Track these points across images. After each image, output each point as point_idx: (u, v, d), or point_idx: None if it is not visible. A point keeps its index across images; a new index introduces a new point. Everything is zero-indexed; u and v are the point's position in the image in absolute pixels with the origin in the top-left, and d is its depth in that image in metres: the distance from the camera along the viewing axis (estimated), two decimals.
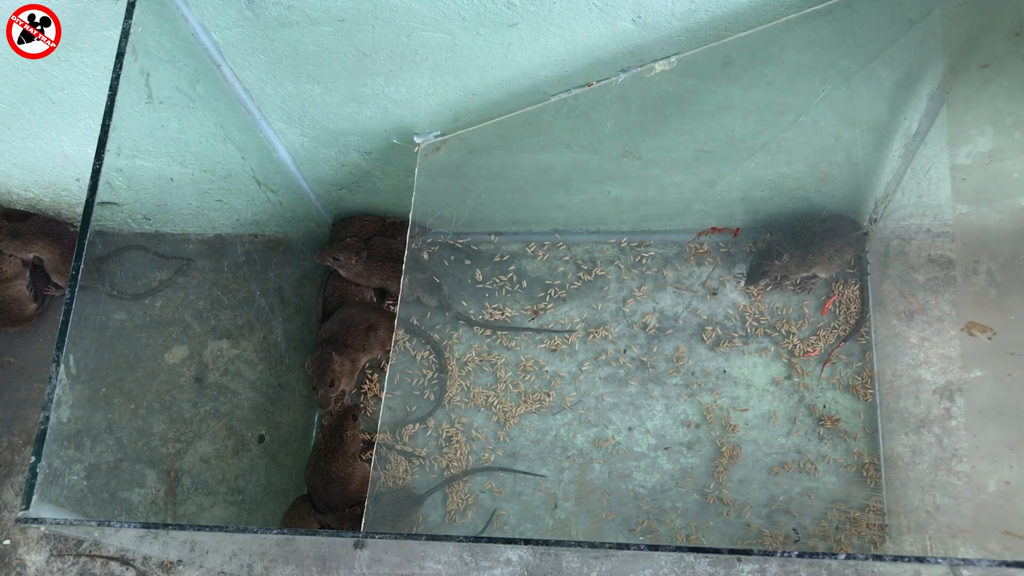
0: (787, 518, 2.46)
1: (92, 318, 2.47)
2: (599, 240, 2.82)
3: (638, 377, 2.65)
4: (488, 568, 2.35)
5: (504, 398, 2.67)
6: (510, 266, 2.84)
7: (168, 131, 2.22)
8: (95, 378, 2.57)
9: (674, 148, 2.34)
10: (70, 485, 2.56)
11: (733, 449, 2.53)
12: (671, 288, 2.74)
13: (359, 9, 1.83)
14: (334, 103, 2.20)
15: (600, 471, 2.56)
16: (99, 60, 2.02)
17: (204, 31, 1.92)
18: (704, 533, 2.47)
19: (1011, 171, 2.05)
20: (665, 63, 1.96)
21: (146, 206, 2.74)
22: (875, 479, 2.45)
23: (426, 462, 2.63)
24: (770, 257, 2.55)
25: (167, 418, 2.69)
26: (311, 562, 2.48)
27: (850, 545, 2.40)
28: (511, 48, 1.94)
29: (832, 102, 2.12)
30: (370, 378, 2.77)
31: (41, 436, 1.57)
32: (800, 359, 2.60)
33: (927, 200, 2.29)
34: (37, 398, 2.80)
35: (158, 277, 2.86)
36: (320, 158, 2.50)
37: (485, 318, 2.77)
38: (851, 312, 2.63)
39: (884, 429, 2.49)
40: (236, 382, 2.77)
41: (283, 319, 2.82)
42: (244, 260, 2.86)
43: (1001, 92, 1.96)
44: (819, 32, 1.87)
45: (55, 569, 2.59)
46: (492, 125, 2.23)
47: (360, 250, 2.65)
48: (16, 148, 2.46)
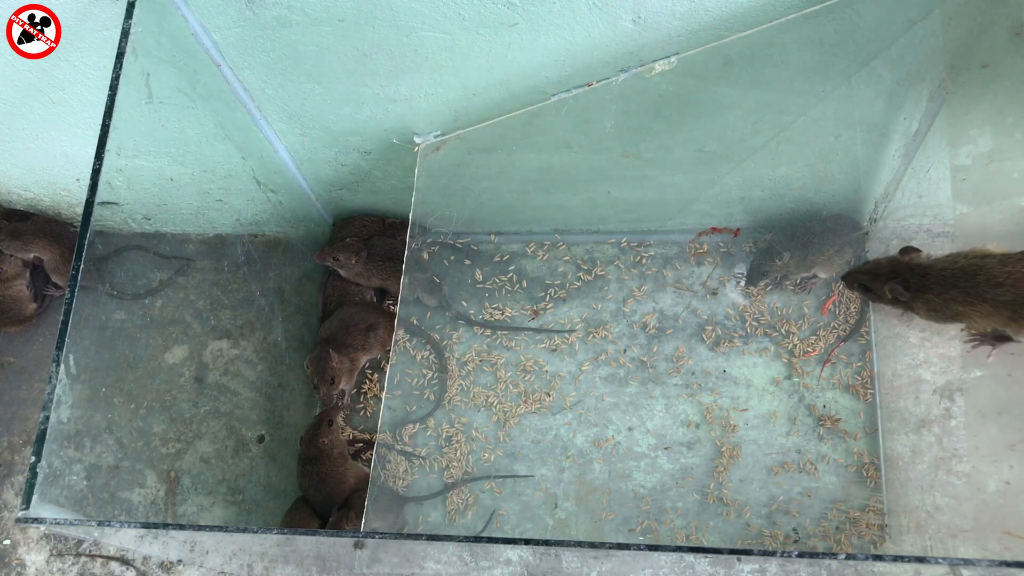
0: (787, 518, 2.46)
1: (92, 318, 2.47)
2: (599, 240, 2.82)
3: (638, 377, 2.65)
4: (488, 568, 2.35)
5: (504, 398, 2.67)
6: (510, 266, 2.84)
7: (168, 131, 2.22)
8: (95, 378, 2.57)
9: (674, 148, 2.34)
10: (70, 485, 2.56)
11: (733, 449, 2.53)
12: (671, 288, 2.74)
13: (359, 9, 1.83)
14: (334, 103, 2.20)
15: (600, 471, 2.56)
16: (99, 60, 2.02)
17: (204, 31, 1.92)
18: (704, 533, 2.47)
19: (1011, 171, 2.05)
20: (665, 63, 1.96)
21: (146, 206, 2.74)
22: (875, 479, 2.45)
23: (426, 462, 2.63)
24: (770, 257, 2.55)
25: (167, 418, 2.69)
26: (311, 562, 2.47)
27: (850, 545, 2.40)
28: (511, 48, 1.94)
29: (832, 102, 2.12)
30: (370, 378, 2.77)
31: (41, 436, 1.57)
32: (800, 359, 2.60)
33: (927, 200, 2.29)
34: (37, 398, 2.80)
35: (158, 277, 2.86)
36: (320, 158, 2.50)
37: (485, 318, 2.77)
38: (851, 312, 2.63)
39: (884, 429, 2.49)
40: (236, 382, 2.77)
41: (283, 319, 2.82)
42: (244, 260, 2.86)
43: (1001, 92, 1.96)
44: (819, 32, 1.87)
45: (55, 569, 2.59)
46: (492, 125, 2.23)
47: (360, 250, 2.65)
48: (16, 148, 2.46)
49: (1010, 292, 1.77)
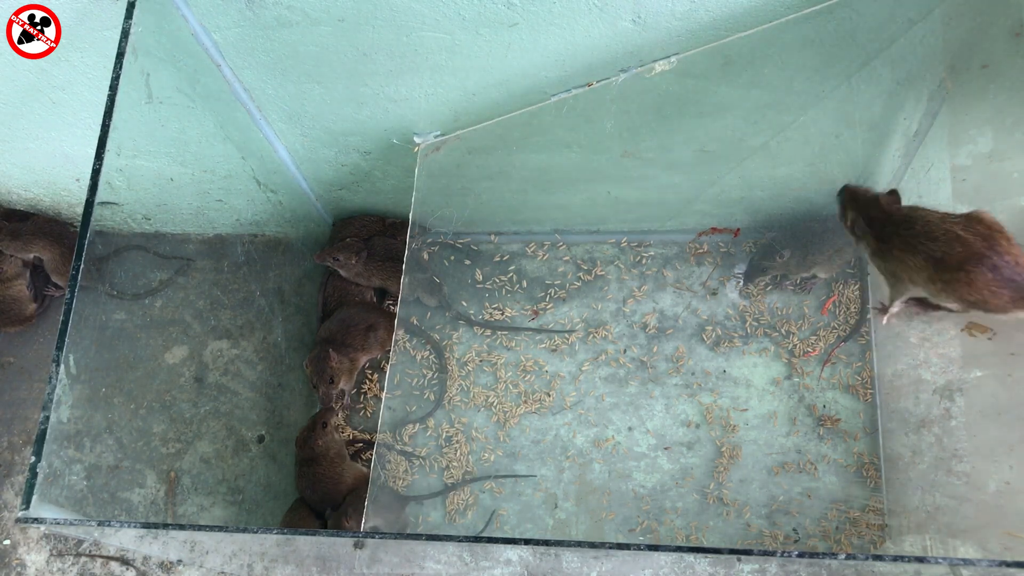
0: (787, 518, 2.46)
1: (92, 318, 2.47)
2: (599, 240, 2.82)
3: (638, 377, 2.65)
4: (488, 568, 2.35)
5: (504, 398, 2.67)
6: (510, 266, 2.84)
7: (168, 131, 2.22)
8: (95, 378, 2.57)
9: (674, 148, 2.34)
10: (70, 485, 2.56)
11: (733, 449, 2.53)
12: (671, 288, 2.74)
13: (359, 9, 1.83)
14: (334, 103, 2.20)
15: (600, 471, 2.56)
16: (99, 60, 2.02)
17: (204, 31, 1.92)
18: (704, 533, 2.47)
19: (1011, 171, 2.05)
20: (665, 63, 1.96)
21: (146, 206, 2.74)
22: (875, 479, 2.45)
23: (426, 462, 2.63)
24: (770, 256, 2.55)
25: (167, 418, 2.69)
26: (311, 562, 2.48)
27: (850, 545, 2.40)
28: (511, 48, 1.94)
29: (832, 102, 2.12)
30: (370, 378, 2.77)
31: (41, 436, 1.57)
32: (800, 359, 2.60)
33: (927, 200, 2.28)
34: (37, 398, 2.80)
35: (158, 277, 2.86)
36: (320, 158, 2.50)
37: (485, 318, 2.77)
38: (851, 312, 2.63)
39: (884, 429, 2.49)
40: (236, 382, 2.77)
41: (283, 319, 2.82)
42: (244, 260, 2.86)
43: (1001, 92, 1.96)
44: (819, 32, 1.87)
45: (55, 569, 2.59)
46: (492, 125, 2.23)
47: (360, 250, 2.65)
48: (16, 148, 2.46)
49: (940, 249, 1.79)
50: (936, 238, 1.81)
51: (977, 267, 1.73)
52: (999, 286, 1.72)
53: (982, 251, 1.73)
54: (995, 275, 1.72)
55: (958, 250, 1.76)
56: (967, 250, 1.74)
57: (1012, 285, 1.72)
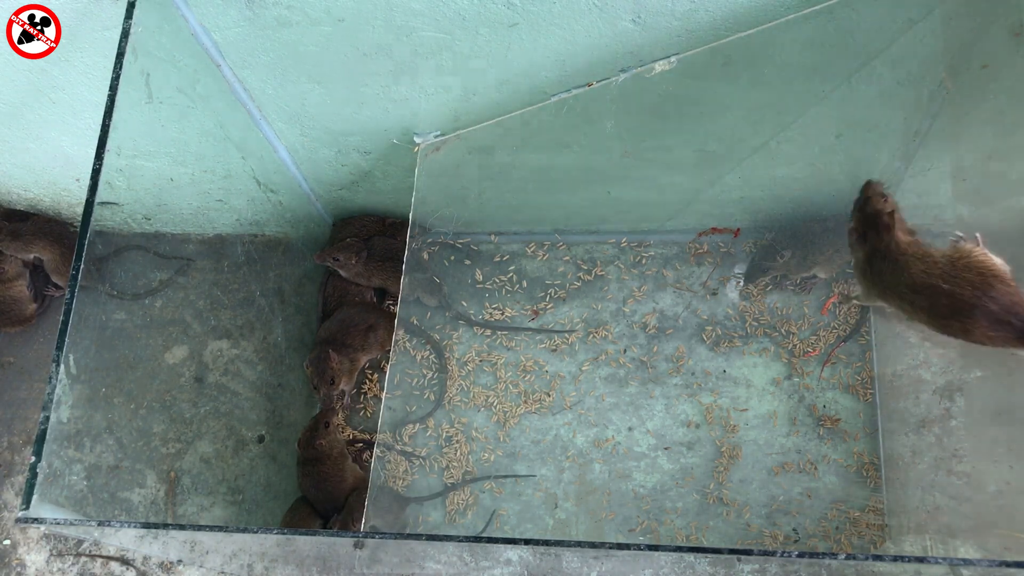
0: (787, 518, 2.46)
1: (92, 318, 2.47)
2: (599, 240, 2.82)
3: (638, 377, 2.65)
4: (488, 568, 2.35)
5: (504, 398, 2.67)
6: (510, 266, 2.84)
7: (168, 131, 2.22)
8: (95, 378, 2.57)
9: (674, 148, 2.34)
10: (70, 485, 2.56)
11: (733, 449, 2.53)
12: (671, 288, 2.74)
13: (359, 9, 1.83)
14: (334, 103, 2.20)
15: (600, 471, 2.56)
16: (99, 60, 2.02)
17: (204, 31, 1.92)
18: (704, 533, 2.47)
19: (1011, 171, 2.05)
20: (665, 63, 1.96)
21: (146, 206, 2.74)
22: (875, 479, 2.45)
23: (426, 462, 2.63)
24: (771, 256, 2.55)
25: (167, 418, 2.69)
26: (311, 562, 2.48)
27: (850, 545, 2.40)
28: (511, 48, 1.94)
29: (832, 102, 2.12)
30: (370, 378, 2.77)
31: (41, 436, 1.57)
32: (800, 359, 2.60)
33: (927, 200, 2.28)
34: (37, 398, 2.80)
35: (158, 277, 2.86)
36: (320, 158, 2.50)
37: (485, 318, 2.77)
38: (851, 312, 2.63)
39: (884, 429, 2.49)
40: (236, 382, 2.77)
41: (283, 319, 2.82)
42: (244, 260, 2.86)
43: (1001, 92, 1.96)
44: (819, 32, 1.87)
45: (55, 569, 2.59)
46: (492, 125, 2.23)
47: (360, 250, 2.65)
48: (16, 148, 2.46)
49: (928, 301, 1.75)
50: (922, 292, 1.76)
51: (970, 317, 1.68)
52: (996, 330, 1.66)
53: (973, 301, 1.67)
54: (989, 321, 1.66)
55: (945, 303, 1.71)
56: (956, 301, 1.69)
57: (1009, 328, 1.65)
